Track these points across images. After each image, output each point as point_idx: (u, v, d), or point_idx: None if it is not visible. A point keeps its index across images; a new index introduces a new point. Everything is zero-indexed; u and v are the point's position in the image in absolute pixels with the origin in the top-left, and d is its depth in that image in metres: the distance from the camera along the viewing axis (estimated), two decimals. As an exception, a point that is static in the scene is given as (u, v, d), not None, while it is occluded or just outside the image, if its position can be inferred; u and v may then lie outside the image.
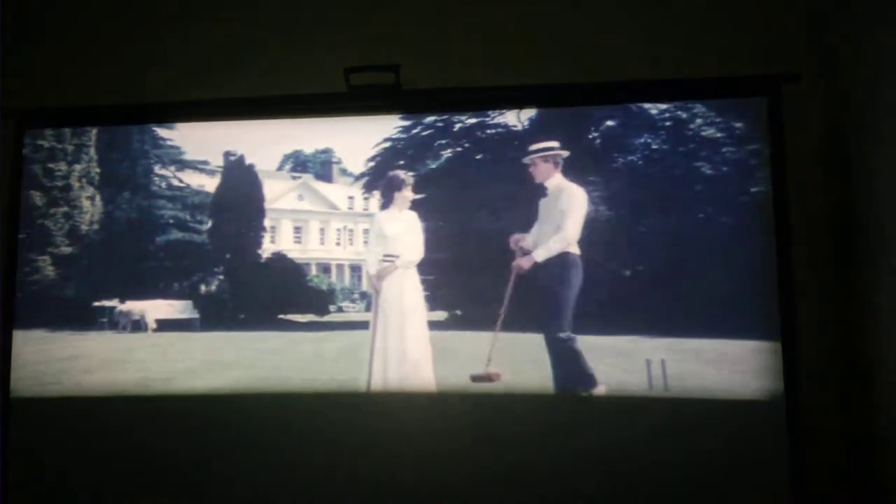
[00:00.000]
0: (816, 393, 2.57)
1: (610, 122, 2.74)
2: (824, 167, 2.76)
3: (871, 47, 2.54)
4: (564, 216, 2.67)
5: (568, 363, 2.62)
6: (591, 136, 2.75)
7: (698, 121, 2.68)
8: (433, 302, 2.72)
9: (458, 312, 2.74)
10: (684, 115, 2.68)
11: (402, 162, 2.77)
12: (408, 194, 2.75)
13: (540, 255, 2.66)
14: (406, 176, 2.76)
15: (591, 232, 2.68)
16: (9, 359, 2.70)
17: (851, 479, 2.64)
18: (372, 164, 2.79)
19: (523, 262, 2.67)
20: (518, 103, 2.75)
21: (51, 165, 2.83)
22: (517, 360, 2.65)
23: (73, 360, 2.75)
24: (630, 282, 2.66)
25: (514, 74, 2.77)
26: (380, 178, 2.79)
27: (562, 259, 2.67)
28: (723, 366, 2.55)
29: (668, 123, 2.70)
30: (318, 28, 2.94)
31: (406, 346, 2.70)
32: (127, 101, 2.87)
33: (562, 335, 2.62)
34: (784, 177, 2.54)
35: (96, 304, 2.78)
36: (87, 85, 2.91)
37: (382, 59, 2.71)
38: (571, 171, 2.69)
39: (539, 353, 2.62)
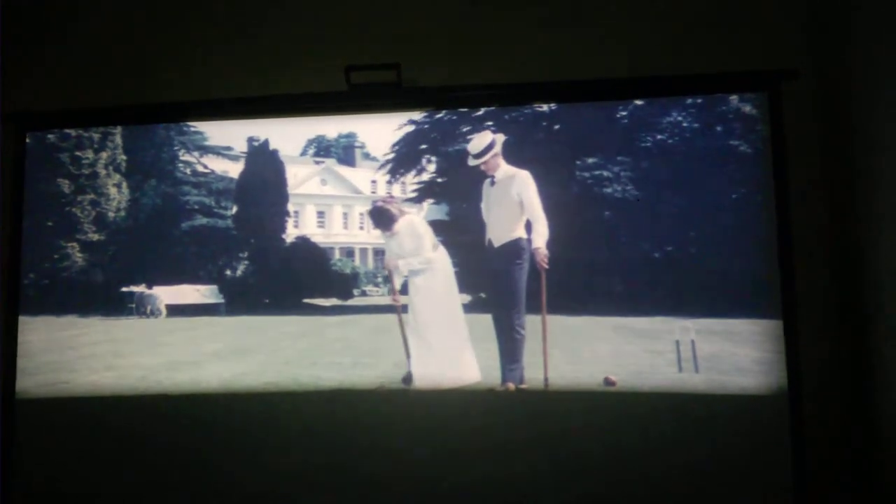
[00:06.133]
0: (819, 387, 2.55)
1: (638, 101, 2.68)
2: (824, 163, 2.71)
3: (870, 45, 2.48)
4: (531, 203, 2.63)
5: (515, 352, 2.60)
6: (618, 115, 2.70)
7: (733, 97, 2.61)
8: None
9: (482, 295, 2.71)
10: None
11: (425, 146, 2.76)
12: (390, 215, 2.74)
13: (541, 242, 2.62)
14: (381, 201, 2.76)
15: (620, 213, 2.63)
16: (14, 351, 2.76)
17: (855, 476, 2.60)
18: (396, 147, 2.78)
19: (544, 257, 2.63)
20: (522, 100, 2.72)
21: (78, 153, 2.86)
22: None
23: (103, 345, 2.78)
24: (660, 263, 2.60)
25: (518, 72, 2.74)
26: (404, 162, 2.78)
27: (520, 244, 2.64)
28: (755, 346, 2.49)
29: (699, 100, 2.64)
30: (319, 27, 2.93)
31: (431, 338, 2.69)
32: (128, 101, 2.89)
33: (517, 324, 2.61)
34: (785, 172, 2.51)
35: (124, 289, 2.82)
36: (86, 87, 2.94)
37: (383, 57, 2.70)
38: (601, 151, 2.65)
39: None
